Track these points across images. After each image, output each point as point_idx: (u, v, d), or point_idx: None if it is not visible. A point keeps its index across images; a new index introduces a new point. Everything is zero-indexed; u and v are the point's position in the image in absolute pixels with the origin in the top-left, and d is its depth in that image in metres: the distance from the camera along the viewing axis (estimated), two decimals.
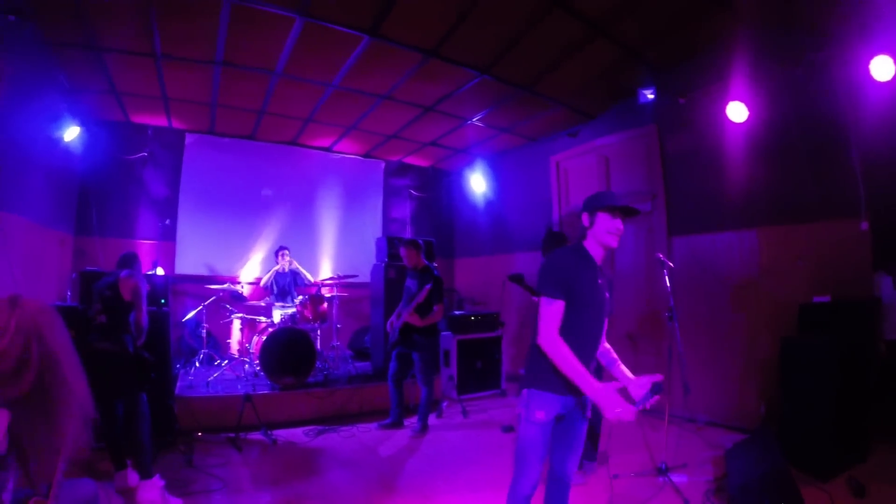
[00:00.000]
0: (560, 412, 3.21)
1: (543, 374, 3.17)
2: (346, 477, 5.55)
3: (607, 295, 3.37)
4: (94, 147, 9.49)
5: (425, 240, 8.82)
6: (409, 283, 7.24)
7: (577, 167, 9.67)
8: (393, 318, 7.28)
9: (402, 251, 7.41)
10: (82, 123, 8.52)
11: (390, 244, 9.31)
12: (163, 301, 6.63)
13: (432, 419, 7.61)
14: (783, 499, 4.09)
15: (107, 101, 9.17)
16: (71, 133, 8.19)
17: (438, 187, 13.33)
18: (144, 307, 5.21)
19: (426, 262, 7.35)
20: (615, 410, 2.86)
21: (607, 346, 3.53)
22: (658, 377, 3.10)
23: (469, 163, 12.10)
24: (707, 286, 7.26)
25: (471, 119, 9.50)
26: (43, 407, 2.14)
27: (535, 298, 3.41)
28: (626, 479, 5.15)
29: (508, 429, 7.05)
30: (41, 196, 7.85)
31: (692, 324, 6.98)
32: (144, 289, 5.28)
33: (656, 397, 3.05)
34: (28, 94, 6.91)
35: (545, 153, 10.41)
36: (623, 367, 3.42)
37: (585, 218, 3.35)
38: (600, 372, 3.60)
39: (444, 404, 8.16)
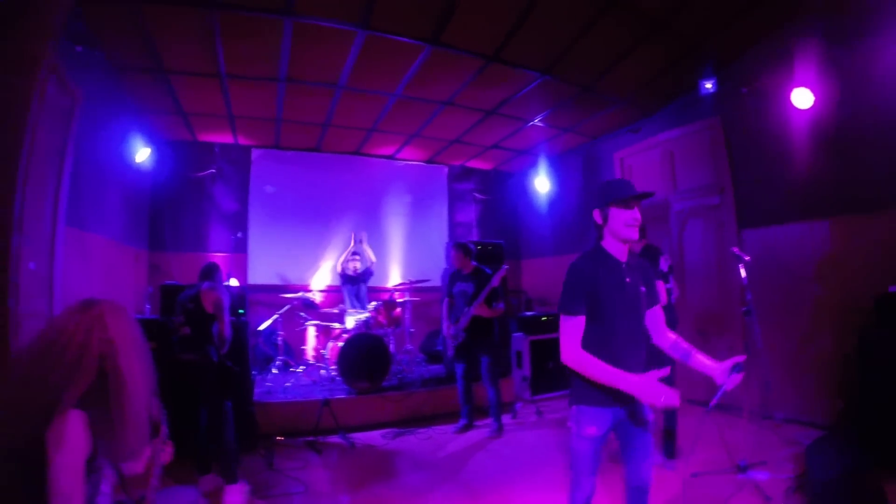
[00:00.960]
0: (611, 425, 3.15)
1: (586, 389, 3.10)
2: (425, 479, 5.60)
3: (643, 289, 3.26)
4: (163, 166, 9.97)
5: (494, 242, 8.86)
6: (462, 286, 7.22)
7: (642, 163, 9.55)
8: (444, 327, 7.38)
9: (452, 254, 7.43)
10: (152, 144, 8.90)
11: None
12: (241, 311, 6.81)
13: (507, 420, 7.62)
14: (866, 496, 4.00)
15: (174, 121, 9.52)
16: (142, 154, 8.57)
17: (502, 189, 13.32)
18: (227, 318, 5.33)
19: (475, 264, 7.31)
20: (658, 399, 2.76)
21: (673, 337, 3.36)
22: (739, 358, 3.01)
23: (532, 164, 12.04)
24: (779, 279, 7.07)
25: (532, 120, 9.48)
26: (107, 407, 2.19)
27: None
28: (705, 478, 5.07)
29: None
30: (117, 214, 8.23)
31: (765, 318, 6.81)
32: (226, 300, 5.40)
33: (739, 376, 2.98)
34: (101, 119, 7.22)
35: (608, 150, 10.32)
36: (700, 356, 3.21)
37: (597, 215, 3.22)
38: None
39: (518, 405, 8.16)
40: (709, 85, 7.47)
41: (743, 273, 5.37)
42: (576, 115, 9.28)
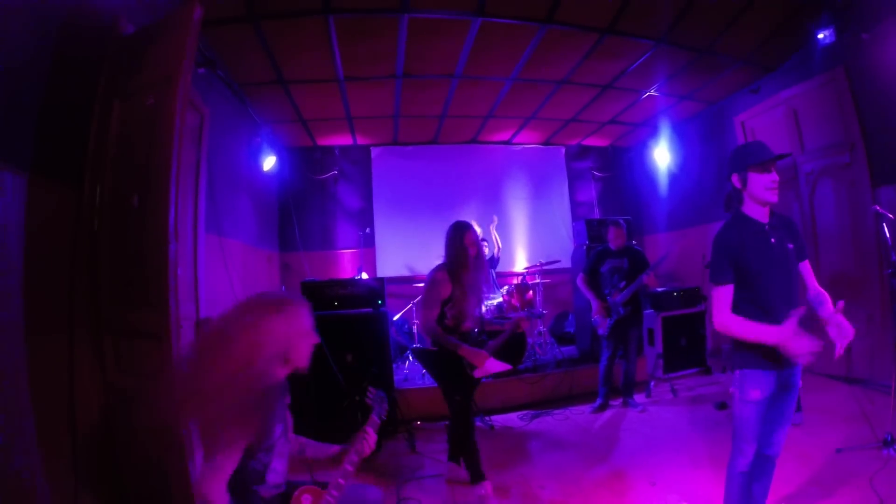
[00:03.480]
0: (774, 388, 3.17)
1: (748, 353, 3.15)
2: (567, 458, 5.63)
3: (790, 246, 3.27)
4: (288, 171, 10.54)
5: (625, 219, 8.80)
6: (614, 262, 7.31)
7: (764, 124, 9.08)
8: (594, 305, 7.31)
9: (612, 232, 7.45)
10: (276, 151, 9.30)
11: (589, 227, 9.40)
12: (380, 302, 7.03)
13: (641, 399, 7.59)
14: None
15: (295, 129, 9.97)
16: (268, 162, 9.01)
17: (620, 165, 13.10)
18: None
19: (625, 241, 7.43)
20: (796, 346, 2.84)
21: (819, 289, 3.39)
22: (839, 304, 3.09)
23: (649, 136, 11.77)
24: None
25: (648, 91, 9.25)
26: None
27: None
28: (849, 453, 4.88)
29: (721, 406, 6.81)
30: (249, 220, 8.73)
31: None
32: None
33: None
34: (228, 132, 7.67)
35: (728, 114, 9.90)
36: (828, 306, 3.25)
37: (736, 179, 3.25)
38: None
39: (652, 384, 8.06)
40: (822, 35, 7.05)
41: (887, 232, 5.13)
42: (692, 80, 8.98)
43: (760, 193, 3.15)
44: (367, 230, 11.02)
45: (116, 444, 4.01)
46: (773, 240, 3.19)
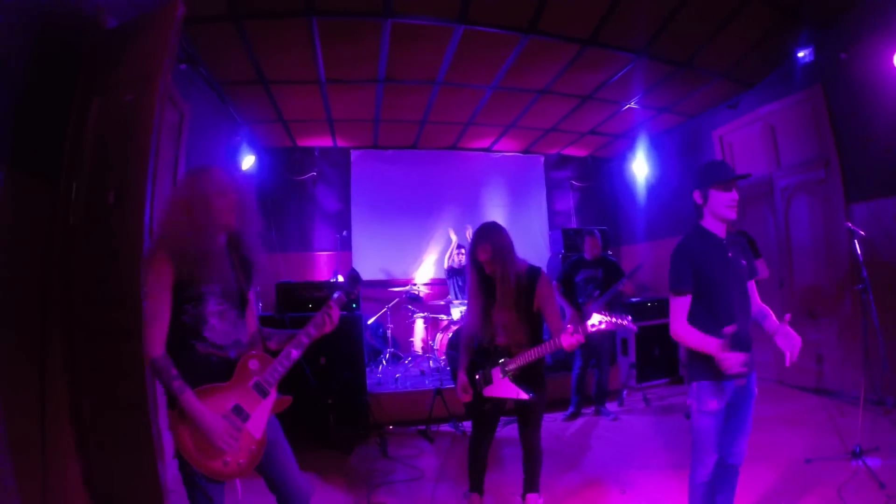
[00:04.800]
0: (730, 398, 3.24)
1: (704, 364, 3.17)
2: None
3: (744, 262, 3.37)
4: (267, 171, 10.46)
5: (600, 229, 8.85)
6: (589, 272, 7.37)
7: (742, 139, 9.21)
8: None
9: (588, 242, 7.52)
10: (255, 151, 9.32)
11: (565, 236, 9.47)
12: (354, 305, 7.02)
13: (614, 407, 7.64)
14: None
15: (275, 129, 9.95)
16: (247, 161, 8.97)
17: (599, 176, 13.15)
18: None
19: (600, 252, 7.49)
20: (727, 361, 2.94)
21: (761, 305, 3.51)
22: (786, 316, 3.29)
23: (628, 148, 11.86)
24: (893, 254, 6.65)
25: (628, 103, 9.32)
26: None
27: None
28: (818, 463, 4.94)
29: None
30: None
31: (876, 298, 6.41)
32: None
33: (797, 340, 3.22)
34: (208, 131, 7.63)
35: (707, 128, 9.99)
36: (772, 319, 3.43)
37: (698, 196, 3.36)
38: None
39: (625, 393, 8.09)
40: (802, 54, 7.21)
41: (858, 249, 5.21)
42: (672, 93, 9.07)
43: (720, 210, 3.26)
44: (345, 233, 11.01)
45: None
46: (730, 254, 3.31)
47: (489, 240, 4.21)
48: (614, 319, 3.62)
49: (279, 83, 7.94)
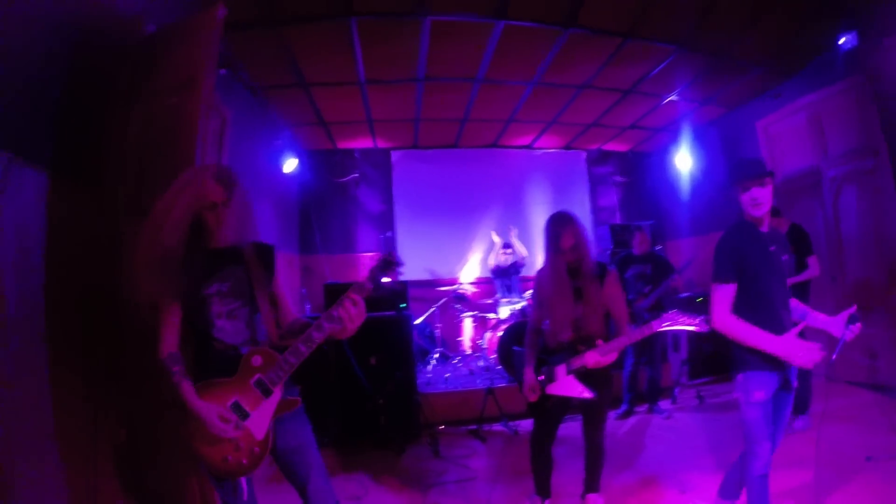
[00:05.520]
0: (777, 388, 3.31)
1: (750, 355, 3.28)
2: None
3: (785, 258, 3.44)
4: (309, 174, 10.50)
5: (649, 224, 8.75)
6: (639, 268, 7.30)
7: (786, 130, 8.95)
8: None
9: (636, 237, 7.48)
10: (297, 155, 9.33)
11: (613, 232, 9.38)
12: (403, 305, 7.01)
13: (666, 405, 7.52)
14: None
15: (316, 132, 9.99)
16: (289, 164, 9.04)
17: (641, 171, 12.99)
18: None
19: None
20: (800, 356, 3.09)
21: (797, 302, 3.59)
22: (852, 308, 3.30)
23: (670, 141, 11.66)
24: None
25: (669, 95, 9.16)
26: None
27: None
28: (882, 462, 4.74)
29: None
30: (270, 223, 8.69)
31: None
32: None
33: (856, 326, 3.25)
34: (249, 135, 7.64)
35: (749, 119, 9.73)
36: (816, 313, 3.52)
37: (735, 191, 3.46)
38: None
39: (677, 390, 7.96)
40: (843, 40, 6.99)
41: None
42: (713, 85, 8.88)
43: (746, 208, 3.38)
44: (388, 233, 11.04)
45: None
46: (771, 248, 3.38)
47: (572, 226, 4.12)
48: (686, 321, 3.64)
49: (319, 85, 7.95)
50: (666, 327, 3.73)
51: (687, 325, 3.65)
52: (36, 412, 3.23)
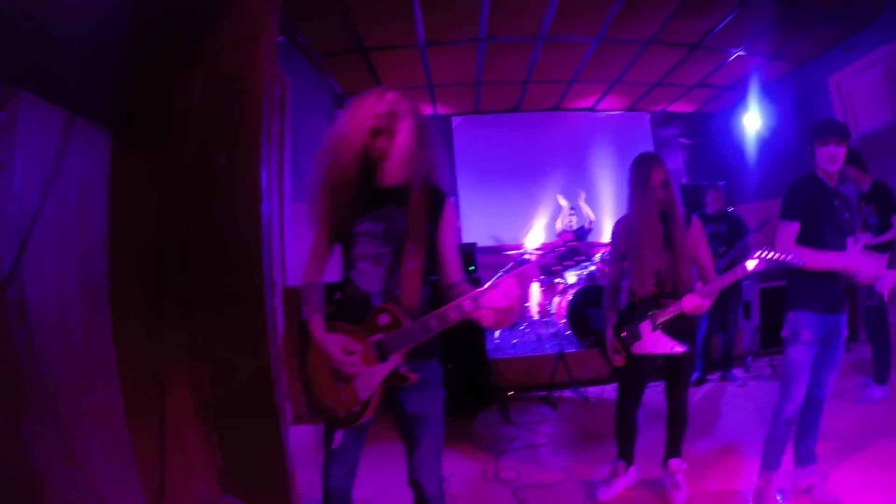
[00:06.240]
0: (824, 332, 3.50)
1: (803, 294, 3.53)
2: None
3: (847, 215, 3.61)
4: None
5: (723, 183, 8.53)
6: (713, 227, 6.97)
7: (861, 85, 8.36)
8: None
9: (710, 195, 7.28)
10: None
11: (683, 192, 9.13)
12: (472, 268, 6.96)
13: (739, 373, 7.31)
14: None
15: None
16: None
17: (707, 132, 12.58)
18: None
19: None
20: (866, 268, 3.38)
21: None
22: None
23: (738, 101, 11.24)
24: None
25: (736, 51, 8.80)
26: None
27: None
28: None
29: None
30: None
31: None
32: None
33: None
34: (308, 104, 7.63)
35: (822, 75, 9.16)
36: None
37: (810, 148, 3.65)
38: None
39: (749, 359, 7.71)
40: None
41: None
42: (782, 38, 8.42)
43: (822, 163, 3.55)
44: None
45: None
46: (836, 202, 3.58)
47: (661, 163, 4.01)
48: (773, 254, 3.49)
49: (378, 50, 7.85)
50: (757, 266, 3.55)
51: (777, 256, 3.47)
52: (102, 368, 3.24)
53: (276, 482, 3.65)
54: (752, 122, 10.70)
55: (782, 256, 3.39)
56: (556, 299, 8.79)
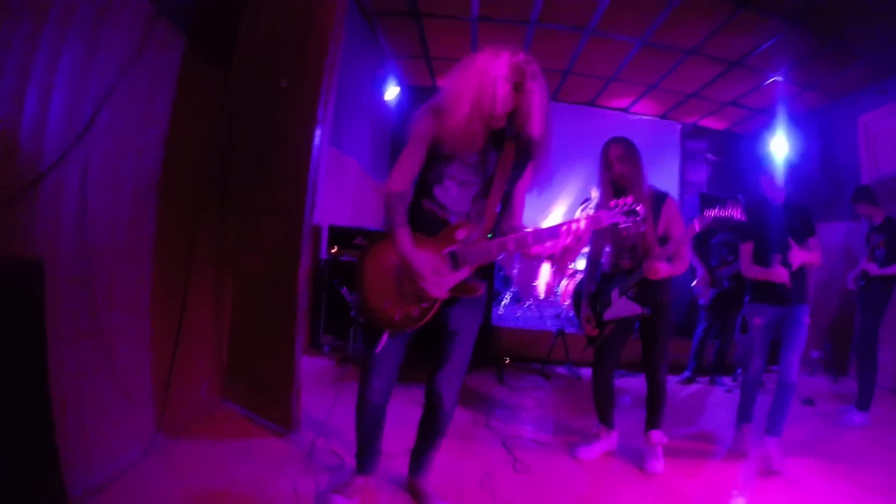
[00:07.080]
0: (772, 319, 4.52)
1: (754, 290, 4.68)
2: None
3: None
4: (406, 108, 10.44)
5: (741, 196, 8.66)
6: (724, 236, 7.28)
7: (890, 128, 8.48)
8: (699, 278, 7.32)
9: (729, 206, 7.30)
10: (397, 85, 9.46)
11: (703, 200, 9.33)
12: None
13: (728, 382, 7.44)
14: None
15: (418, 65, 10.02)
16: (391, 93, 9.19)
17: (734, 152, 12.63)
18: None
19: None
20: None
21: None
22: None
23: (766, 125, 11.22)
24: None
25: (774, 75, 8.92)
26: None
27: None
28: None
29: (808, 401, 6.42)
30: (365, 146, 8.94)
31: None
32: None
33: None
34: (355, 59, 7.80)
35: (852, 113, 9.29)
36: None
37: None
38: None
39: (739, 371, 7.83)
40: None
41: None
42: (818, 70, 8.56)
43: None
44: None
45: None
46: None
47: (623, 142, 4.26)
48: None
49: (430, 17, 8.00)
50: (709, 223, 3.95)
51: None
52: (136, 262, 3.39)
53: (280, 395, 3.87)
54: (779, 148, 10.78)
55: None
56: (565, 282, 9.06)
